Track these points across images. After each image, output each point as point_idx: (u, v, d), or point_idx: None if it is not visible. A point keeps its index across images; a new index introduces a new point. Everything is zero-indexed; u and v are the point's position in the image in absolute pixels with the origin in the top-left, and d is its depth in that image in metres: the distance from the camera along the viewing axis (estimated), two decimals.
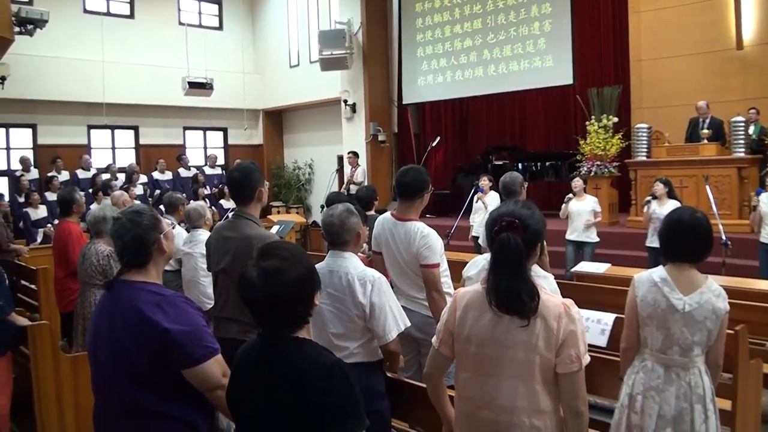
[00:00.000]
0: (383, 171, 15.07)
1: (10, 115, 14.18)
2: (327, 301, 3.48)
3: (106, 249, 5.59)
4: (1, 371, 5.13)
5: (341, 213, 3.64)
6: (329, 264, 3.59)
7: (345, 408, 2.13)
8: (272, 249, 2.27)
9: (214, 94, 15.21)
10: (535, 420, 2.53)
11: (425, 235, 4.33)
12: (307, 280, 2.23)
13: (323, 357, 2.18)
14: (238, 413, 2.38)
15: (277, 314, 2.21)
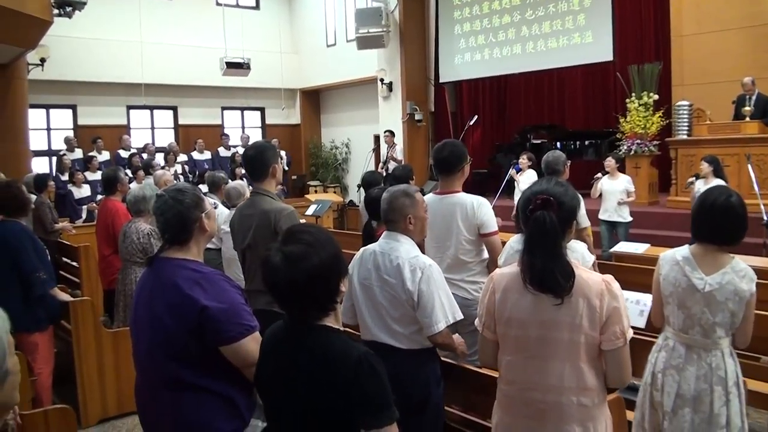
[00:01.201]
0: (420, 150, 15.01)
1: (50, 96, 14.39)
2: (379, 284, 3.42)
3: (146, 227, 5.68)
4: (45, 344, 5.28)
5: (394, 192, 3.55)
6: (381, 246, 3.50)
7: (373, 400, 2.08)
8: (296, 233, 2.21)
9: (252, 74, 15.26)
10: (583, 398, 2.54)
11: (481, 204, 4.38)
12: (331, 266, 2.15)
13: (351, 348, 2.13)
14: (263, 397, 2.40)
15: (300, 301, 2.16)
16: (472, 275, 4.45)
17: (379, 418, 2.07)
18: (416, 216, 3.52)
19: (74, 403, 4.98)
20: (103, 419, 5.65)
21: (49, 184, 8.76)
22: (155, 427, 3.00)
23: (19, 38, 8.88)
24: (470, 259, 4.44)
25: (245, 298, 2.85)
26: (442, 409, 3.50)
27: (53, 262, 5.96)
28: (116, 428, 5.56)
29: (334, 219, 14.32)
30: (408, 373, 3.31)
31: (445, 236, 4.42)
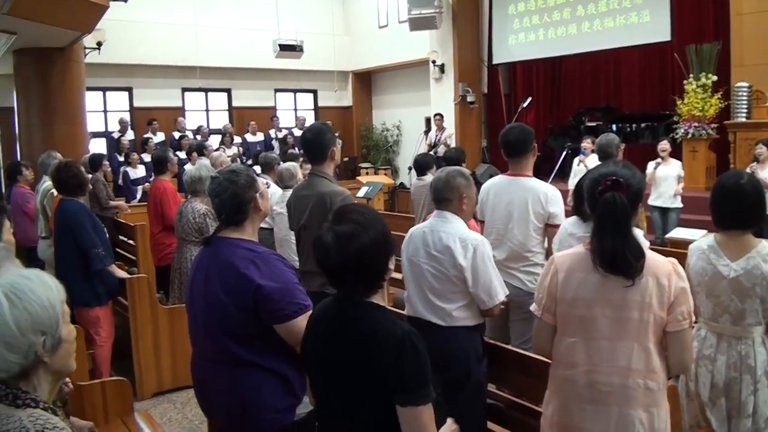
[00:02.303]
0: (472, 132, 14.90)
1: (106, 79, 14.61)
2: (426, 260, 3.46)
3: (202, 207, 5.78)
4: (106, 318, 5.45)
5: (450, 171, 3.61)
6: (431, 224, 3.55)
7: (411, 378, 2.11)
8: (347, 213, 2.26)
9: (304, 57, 15.30)
10: (650, 381, 2.52)
11: (555, 194, 4.39)
12: (381, 245, 2.20)
13: (395, 326, 2.17)
14: (309, 372, 2.45)
15: (350, 279, 2.21)
16: (529, 265, 4.42)
17: (415, 396, 2.11)
18: (469, 196, 3.58)
19: (131, 376, 5.11)
20: (158, 392, 5.80)
21: (103, 164, 8.97)
22: (210, 402, 3.07)
23: (77, 22, 9.03)
24: (533, 247, 4.41)
25: (299, 278, 2.89)
26: (483, 387, 3.52)
27: (110, 239, 6.11)
28: (171, 401, 5.70)
29: (384, 201, 14.33)
30: (448, 349, 3.35)
31: (510, 220, 4.40)
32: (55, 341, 1.76)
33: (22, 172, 8.02)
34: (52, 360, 1.77)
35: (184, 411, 5.49)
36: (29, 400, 1.73)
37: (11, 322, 1.68)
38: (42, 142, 10.04)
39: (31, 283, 1.76)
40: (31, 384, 1.77)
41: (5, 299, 1.69)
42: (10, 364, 1.70)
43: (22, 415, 1.70)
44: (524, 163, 4.48)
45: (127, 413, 4.06)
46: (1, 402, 1.73)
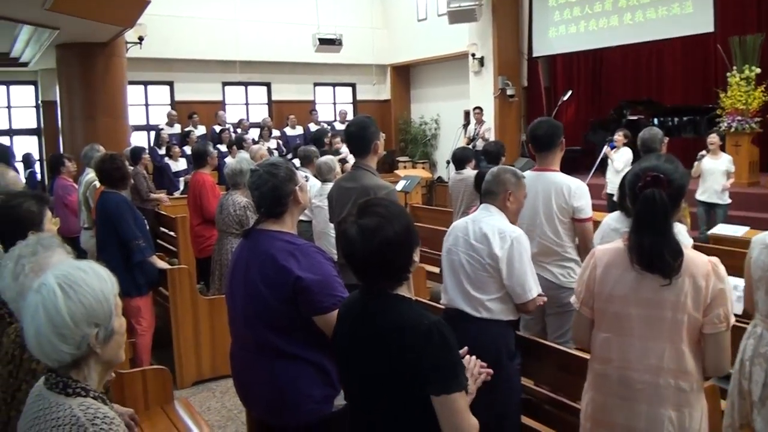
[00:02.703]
0: (511, 126, 14.78)
1: (148, 73, 14.83)
2: (464, 249, 3.47)
3: (242, 200, 5.84)
4: (146, 308, 5.54)
5: (501, 167, 3.67)
6: (474, 216, 3.57)
7: (442, 367, 2.12)
8: (370, 206, 2.27)
9: (343, 50, 15.32)
10: (681, 381, 2.47)
11: (579, 187, 4.31)
12: (405, 237, 2.21)
13: (422, 316, 2.17)
14: (339, 364, 2.46)
15: (375, 271, 2.22)
16: (561, 259, 4.36)
17: (447, 385, 2.11)
18: (516, 196, 3.59)
19: (171, 365, 5.18)
20: (198, 381, 5.89)
21: (143, 157, 9.09)
22: (249, 392, 3.10)
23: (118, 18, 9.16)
24: (561, 242, 4.35)
25: (338, 270, 2.90)
26: (516, 384, 3.48)
27: (151, 231, 6.20)
28: (210, 390, 5.78)
29: (422, 195, 14.31)
30: (480, 342, 3.31)
31: (537, 214, 4.35)
32: (108, 333, 1.79)
33: (65, 164, 8.15)
34: (103, 351, 1.79)
35: (223, 400, 5.55)
36: (80, 389, 1.75)
37: (65, 313, 1.69)
38: (84, 135, 10.23)
39: (86, 275, 1.77)
40: (82, 373, 1.78)
41: (60, 290, 1.71)
42: (63, 354, 1.72)
43: (73, 403, 1.72)
44: (551, 158, 4.44)
45: (167, 401, 4.12)
46: (52, 390, 1.75)
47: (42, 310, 1.70)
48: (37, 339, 1.71)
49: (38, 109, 15.49)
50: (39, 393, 1.81)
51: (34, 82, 15.31)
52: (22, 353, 2.24)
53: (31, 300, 1.73)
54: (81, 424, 1.67)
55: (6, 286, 2.28)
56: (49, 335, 1.69)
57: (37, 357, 1.79)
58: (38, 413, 1.75)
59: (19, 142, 14.82)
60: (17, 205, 3.02)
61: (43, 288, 1.73)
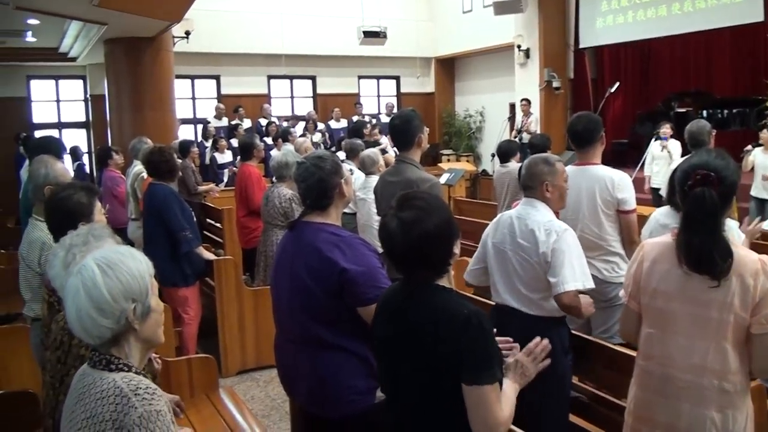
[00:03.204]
0: (557, 119, 14.58)
1: (195, 67, 15.00)
2: (512, 247, 3.42)
3: (288, 192, 5.89)
4: (193, 298, 5.63)
5: (534, 158, 3.57)
6: (518, 212, 3.51)
7: (477, 357, 2.11)
8: (410, 199, 2.27)
9: (388, 43, 15.31)
10: (725, 383, 2.41)
11: (622, 179, 4.25)
12: (444, 230, 2.21)
13: (460, 305, 2.17)
14: (378, 355, 2.46)
15: (415, 264, 2.22)
16: (606, 254, 4.31)
17: (480, 375, 2.10)
18: (554, 184, 3.50)
19: (216, 354, 5.26)
20: (242, 371, 5.98)
21: (192, 150, 9.22)
22: (293, 382, 3.13)
23: (166, 12, 9.26)
24: (605, 236, 4.29)
25: (382, 262, 2.91)
26: (568, 380, 3.44)
27: (198, 222, 6.28)
28: (254, 379, 5.86)
29: (466, 188, 14.25)
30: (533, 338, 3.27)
31: (580, 209, 4.30)
32: (145, 309, 1.87)
33: (112, 157, 8.30)
34: (141, 327, 1.88)
35: (267, 389, 5.62)
36: (122, 364, 1.84)
37: (104, 289, 1.79)
38: (132, 128, 10.38)
39: (123, 256, 1.87)
40: (123, 351, 1.87)
41: (98, 269, 1.81)
42: (103, 329, 1.80)
43: (116, 377, 1.80)
44: (592, 152, 4.39)
45: (212, 389, 4.19)
46: (95, 368, 1.84)
47: (82, 289, 1.79)
48: (78, 316, 1.80)
49: (87, 102, 15.82)
50: (83, 372, 1.89)
51: (82, 76, 15.63)
52: (71, 339, 2.30)
53: (72, 282, 1.83)
54: (124, 395, 1.75)
55: (56, 274, 2.34)
56: (89, 311, 1.78)
57: (78, 335, 1.87)
58: (83, 389, 1.83)
59: (68, 135, 15.14)
60: (68, 196, 3.08)
61: (83, 269, 1.82)
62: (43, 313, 3.00)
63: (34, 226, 3.86)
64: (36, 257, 3.74)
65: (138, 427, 1.71)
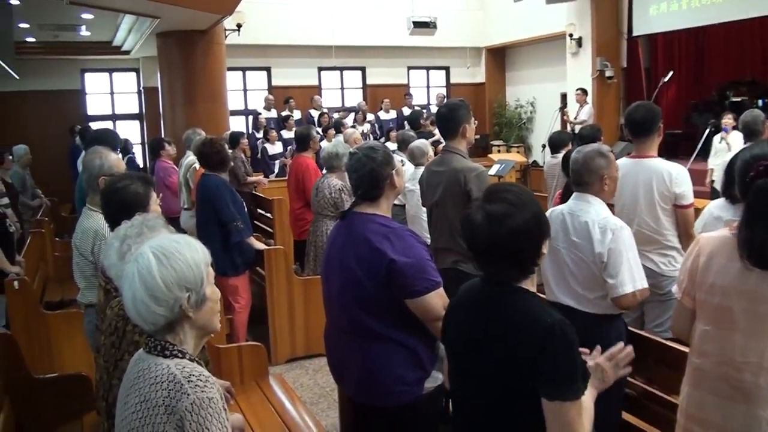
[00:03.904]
0: (610, 109, 14.34)
1: (246, 59, 15.18)
2: (565, 245, 3.36)
3: (338, 183, 5.93)
4: (244, 287, 5.71)
5: (588, 152, 3.44)
6: (571, 207, 3.42)
7: (562, 371, 2.00)
8: (499, 192, 2.16)
9: (438, 33, 15.19)
10: None
11: (680, 172, 4.14)
12: (534, 227, 2.10)
13: (545, 313, 2.05)
14: (451, 353, 2.41)
15: (500, 261, 2.12)
16: (663, 248, 4.22)
17: (564, 390, 1.99)
18: (611, 176, 3.43)
19: (266, 342, 5.33)
20: (292, 359, 6.06)
21: (242, 141, 9.33)
22: (342, 371, 3.15)
23: (218, 5, 9.38)
24: (662, 230, 4.20)
25: (431, 255, 2.91)
26: (624, 379, 3.38)
27: (249, 213, 6.36)
28: (303, 368, 5.93)
29: (516, 179, 14.12)
30: (588, 336, 3.22)
31: (636, 203, 4.22)
32: (200, 298, 1.89)
33: (165, 147, 8.45)
34: (196, 315, 1.90)
35: (316, 378, 5.68)
36: (177, 351, 1.87)
37: (158, 277, 1.82)
38: (185, 119, 10.55)
39: (179, 245, 1.90)
40: (178, 337, 1.90)
41: (153, 258, 1.84)
42: (157, 316, 1.84)
43: (170, 363, 1.83)
44: (649, 143, 4.27)
45: (262, 376, 4.26)
46: (150, 353, 1.88)
47: (137, 276, 1.83)
48: (134, 303, 1.84)
49: (140, 95, 16.11)
50: (139, 357, 1.93)
51: (136, 69, 15.91)
52: (125, 325, 2.34)
53: (129, 268, 1.87)
54: (178, 381, 1.78)
55: (112, 264, 2.39)
56: (143, 298, 1.82)
57: (134, 321, 1.91)
58: (138, 374, 1.87)
59: (122, 127, 15.43)
60: (124, 186, 3.13)
61: (139, 257, 1.86)
62: (99, 299, 3.06)
63: (87, 215, 3.94)
64: (89, 246, 3.81)
65: (190, 413, 1.74)
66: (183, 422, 1.73)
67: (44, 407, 3.94)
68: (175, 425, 1.74)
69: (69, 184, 10.02)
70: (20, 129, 13.68)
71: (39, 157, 10.42)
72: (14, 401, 3.84)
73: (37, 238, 7.25)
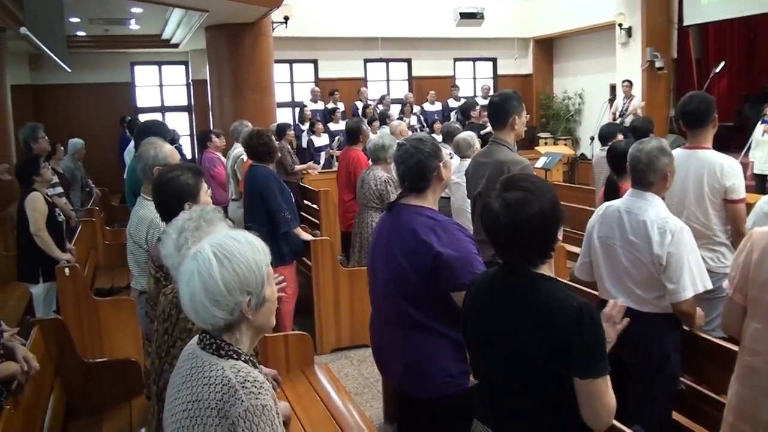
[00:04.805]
0: (660, 100, 14.09)
1: (293, 51, 15.25)
2: (622, 243, 3.30)
3: (384, 175, 5.95)
4: (291, 277, 5.78)
5: (651, 149, 3.33)
6: (627, 204, 3.36)
7: (591, 350, 2.07)
8: (516, 180, 2.23)
9: (485, 24, 15.08)
10: None
11: (732, 165, 4.04)
12: (551, 214, 2.16)
13: (570, 297, 2.11)
14: (470, 341, 2.42)
15: (518, 247, 2.18)
16: (712, 243, 4.13)
17: (594, 368, 2.08)
18: (672, 173, 3.38)
19: (312, 331, 5.38)
20: (336, 349, 6.12)
21: (288, 133, 9.40)
22: (387, 362, 3.17)
23: None
24: (711, 224, 4.11)
25: (477, 248, 2.91)
26: (677, 378, 3.33)
27: (296, 204, 6.42)
28: (348, 358, 5.98)
29: (563, 172, 13.99)
30: (646, 337, 3.19)
31: (686, 195, 4.14)
32: (260, 300, 1.86)
33: (212, 139, 8.56)
34: (255, 317, 1.87)
35: (360, 368, 5.72)
36: (232, 351, 1.84)
37: (220, 281, 1.78)
38: (233, 111, 10.67)
39: (240, 245, 1.86)
40: (234, 337, 1.88)
41: (215, 259, 1.80)
42: (217, 318, 1.81)
43: (225, 365, 1.81)
44: (703, 135, 4.18)
45: (307, 365, 4.31)
46: (205, 350, 1.86)
47: (197, 277, 1.79)
48: (192, 303, 1.81)
49: (189, 87, 16.33)
50: (192, 351, 1.91)
51: (184, 62, 16.12)
52: (179, 313, 2.36)
53: (188, 266, 1.83)
54: (232, 385, 1.75)
55: (168, 254, 2.39)
56: (203, 300, 1.79)
57: (191, 318, 1.89)
58: (191, 370, 1.85)
59: (171, 119, 15.66)
60: (175, 177, 3.17)
61: (198, 255, 1.82)
62: (149, 286, 3.13)
63: (141, 204, 4.03)
64: (143, 234, 3.90)
65: (243, 419, 1.72)
66: (235, 428, 1.72)
67: (94, 390, 4.05)
68: (227, 429, 1.73)
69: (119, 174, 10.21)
70: (72, 121, 14.02)
71: (90, 148, 10.63)
72: (65, 384, 3.96)
73: (87, 226, 7.42)
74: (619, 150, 4.81)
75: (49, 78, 14.40)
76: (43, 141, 7.45)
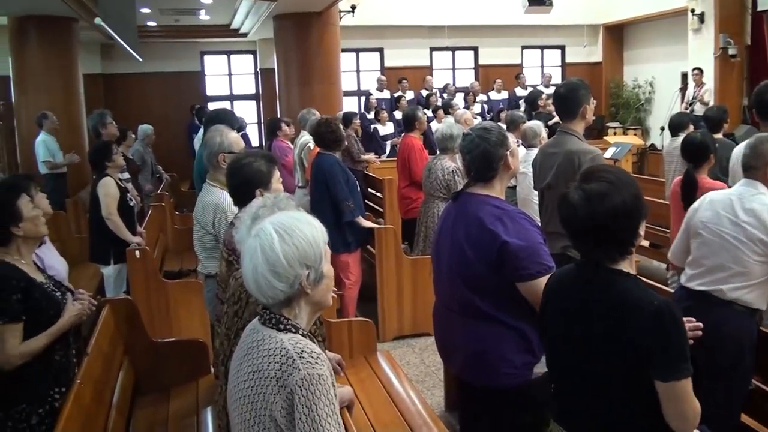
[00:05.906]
0: (733, 89, 13.62)
1: (359, 40, 15.30)
2: (730, 229, 3.25)
3: (451, 165, 5.96)
4: (354, 264, 5.87)
5: (760, 137, 3.33)
6: (740, 192, 3.31)
7: (673, 352, 2.00)
8: (597, 172, 2.17)
9: (553, 11, 14.80)
10: None
11: None
12: (633, 207, 2.09)
13: (650, 295, 2.05)
14: (546, 337, 2.40)
15: (597, 242, 2.12)
16: None
17: (678, 370, 2.01)
18: None
19: (374, 318, 5.42)
20: (398, 336, 6.16)
21: (354, 121, 9.47)
22: (449, 350, 3.19)
23: None
24: None
25: (544, 238, 2.89)
26: (750, 376, 3.26)
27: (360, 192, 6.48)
28: (410, 346, 6.02)
29: (633, 163, 13.71)
30: (723, 330, 3.12)
31: None
32: (318, 275, 1.94)
33: (282, 128, 8.68)
34: (313, 292, 1.95)
35: (422, 356, 5.74)
36: (290, 326, 1.92)
37: (280, 254, 1.86)
38: (300, 100, 10.78)
39: (299, 222, 1.95)
40: (293, 312, 1.96)
41: (276, 234, 1.89)
42: (277, 291, 1.89)
43: (284, 337, 1.89)
44: None
45: (370, 351, 4.36)
46: (265, 325, 1.94)
47: (260, 251, 1.88)
48: (254, 276, 1.89)
49: (257, 76, 16.55)
50: (254, 327, 2.00)
51: (253, 51, 16.34)
52: (249, 296, 2.43)
53: (251, 243, 1.92)
54: (290, 356, 1.83)
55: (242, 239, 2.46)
56: (265, 273, 1.87)
57: (252, 293, 1.97)
58: (252, 344, 1.94)
59: (239, 107, 15.92)
60: (249, 163, 3.24)
61: (261, 232, 1.91)
62: (221, 270, 3.20)
63: (207, 190, 4.12)
64: (210, 219, 3.99)
65: (300, 387, 1.79)
66: (293, 396, 1.79)
67: (162, 369, 4.19)
68: (285, 397, 1.80)
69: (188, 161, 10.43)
70: (143, 109, 14.36)
71: (160, 135, 10.90)
72: (134, 362, 4.10)
73: (157, 211, 7.64)
74: (697, 142, 4.70)
75: (120, 67, 14.85)
76: (111, 126, 7.66)
